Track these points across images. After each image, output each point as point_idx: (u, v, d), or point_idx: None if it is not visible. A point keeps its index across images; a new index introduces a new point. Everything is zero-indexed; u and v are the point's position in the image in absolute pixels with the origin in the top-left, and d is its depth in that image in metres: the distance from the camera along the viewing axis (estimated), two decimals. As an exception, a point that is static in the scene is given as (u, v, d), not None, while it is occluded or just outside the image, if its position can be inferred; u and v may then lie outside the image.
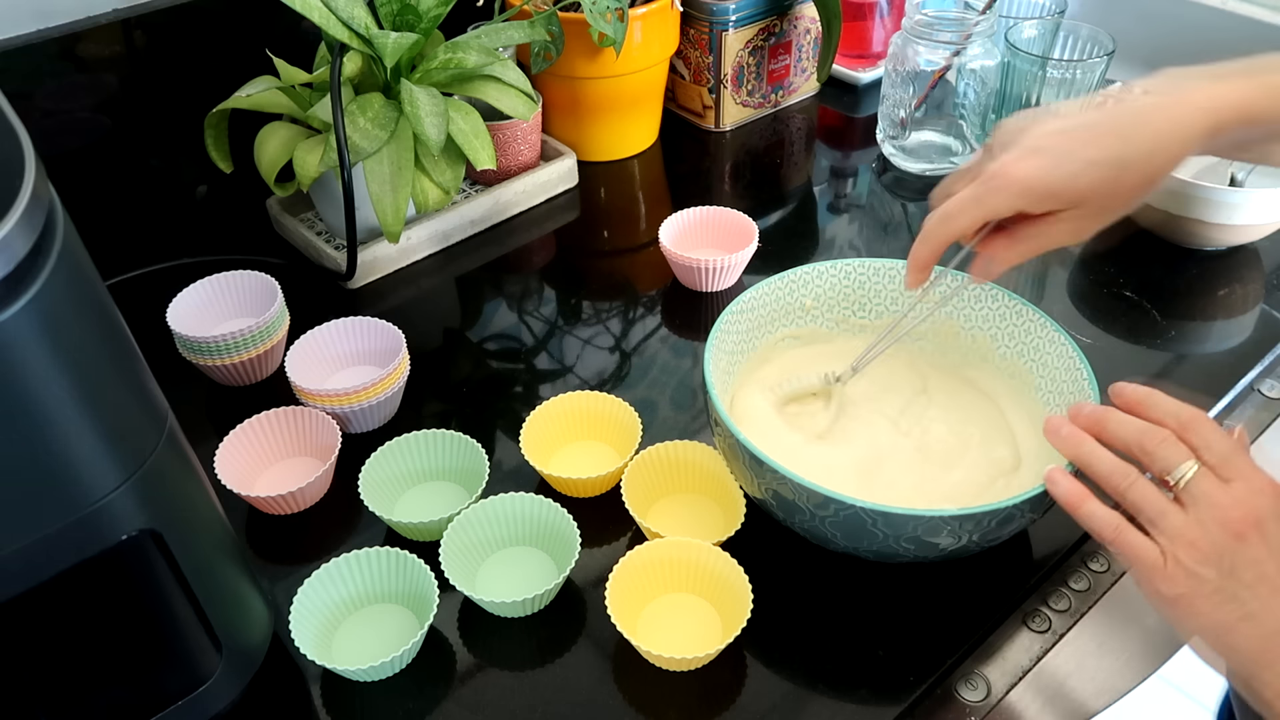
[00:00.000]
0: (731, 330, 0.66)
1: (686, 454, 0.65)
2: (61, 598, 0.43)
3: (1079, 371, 0.61)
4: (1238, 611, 0.45)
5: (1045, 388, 0.65)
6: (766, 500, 0.58)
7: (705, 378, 0.60)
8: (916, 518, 0.52)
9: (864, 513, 0.52)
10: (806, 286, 0.70)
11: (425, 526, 0.61)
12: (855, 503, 0.52)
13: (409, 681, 0.56)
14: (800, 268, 0.69)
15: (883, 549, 0.55)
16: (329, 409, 0.68)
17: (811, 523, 0.56)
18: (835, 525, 0.54)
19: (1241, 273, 0.84)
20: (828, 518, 0.54)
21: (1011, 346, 0.67)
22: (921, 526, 0.52)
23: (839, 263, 0.70)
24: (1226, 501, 0.47)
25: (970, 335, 0.69)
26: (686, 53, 1.01)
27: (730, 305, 0.66)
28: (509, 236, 0.91)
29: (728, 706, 0.55)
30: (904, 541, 0.54)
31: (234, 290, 0.77)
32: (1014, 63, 0.88)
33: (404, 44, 0.74)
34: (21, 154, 0.36)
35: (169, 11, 0.83)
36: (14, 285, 0.34)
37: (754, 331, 0.69)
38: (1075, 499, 0.51)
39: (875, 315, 0.71)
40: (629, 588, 0.57)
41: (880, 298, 0.71)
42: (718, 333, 0.64)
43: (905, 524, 0.52)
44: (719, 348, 0.64)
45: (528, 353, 0.80)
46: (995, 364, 0.69)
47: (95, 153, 0.84)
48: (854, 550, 0.56)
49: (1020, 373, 0.67)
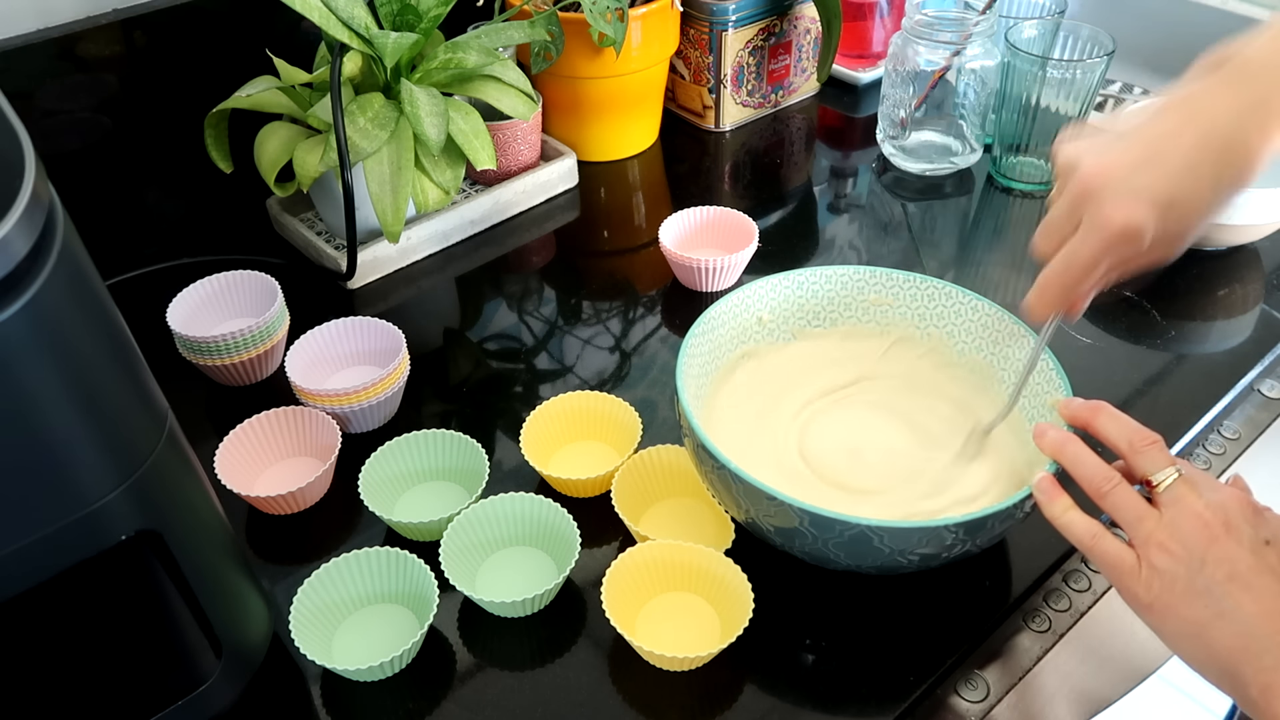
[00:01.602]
0: (696, 354, 0.64)
1: (678, 458, 0.64)
2: (61, 598, 0.43)
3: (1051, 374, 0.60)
4: (1212, 609, 0.46)
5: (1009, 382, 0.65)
6: (763, 530, 0.57)
7: (685, 411, 0.58)
8: (922, 530, 0.52)
9: (870, 531, 0.52)
10: (761, 300, 0.69)
11: (425, 526, 0.61)
12: (860, 521, 0.51)
13: (409, 681, 0.56)
14: (755, 282, 0.68)
15: (887, 563, 0.54)
16: (329, 409, 0.68)
17: (814, 545, 0.55)
18: (839, 546, 0.54)
19: (1241, 273, 0.84)
20: (831, 539, 0.53)
21: (970, 344, 0.67)
22: (927, 538, 0.52)
23: (790, 274, 0.69)
24: (1199, 505, 0.48)
25: (926, 334, 0.69)
26: (686, 53, 1.01)
27: (690, 330, 0.64)
28: (509, 236, 0.91)
29: (727, 706, 0.55)
30: (910, 554, 0.53)
31: (234, 290, 0.77)
32: (1014, 63, 0.88)
33: (404, 44, 0.74)
34: (21, 154, 0.36)
35: (169, 11, 0.83)
36: (13, 285, 0.34)
37: (715, 352, 0.67)
38: (1058, 508, 0.52)
39: (830, 323, 0.70)
40: (626, 587, 0.57)
41: (834, 304, 0.70)
42: (684, 359, 0.62)
43: (910, 537, 0.52)
44: (688, 372, 0.62)
45: (528, 353, 0.80)
46: (966, 368, 0.68)
47: (95, 153, 0.84)
48: (857, 568, 0.56)
49: (984, 369, 0.67)
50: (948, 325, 0.68)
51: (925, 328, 0.69)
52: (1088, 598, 0.62)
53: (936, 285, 0.68)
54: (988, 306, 0.66)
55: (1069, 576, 0.63)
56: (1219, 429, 0.74)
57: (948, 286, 0.67)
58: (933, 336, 0.69)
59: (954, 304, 0.68)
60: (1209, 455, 0.72)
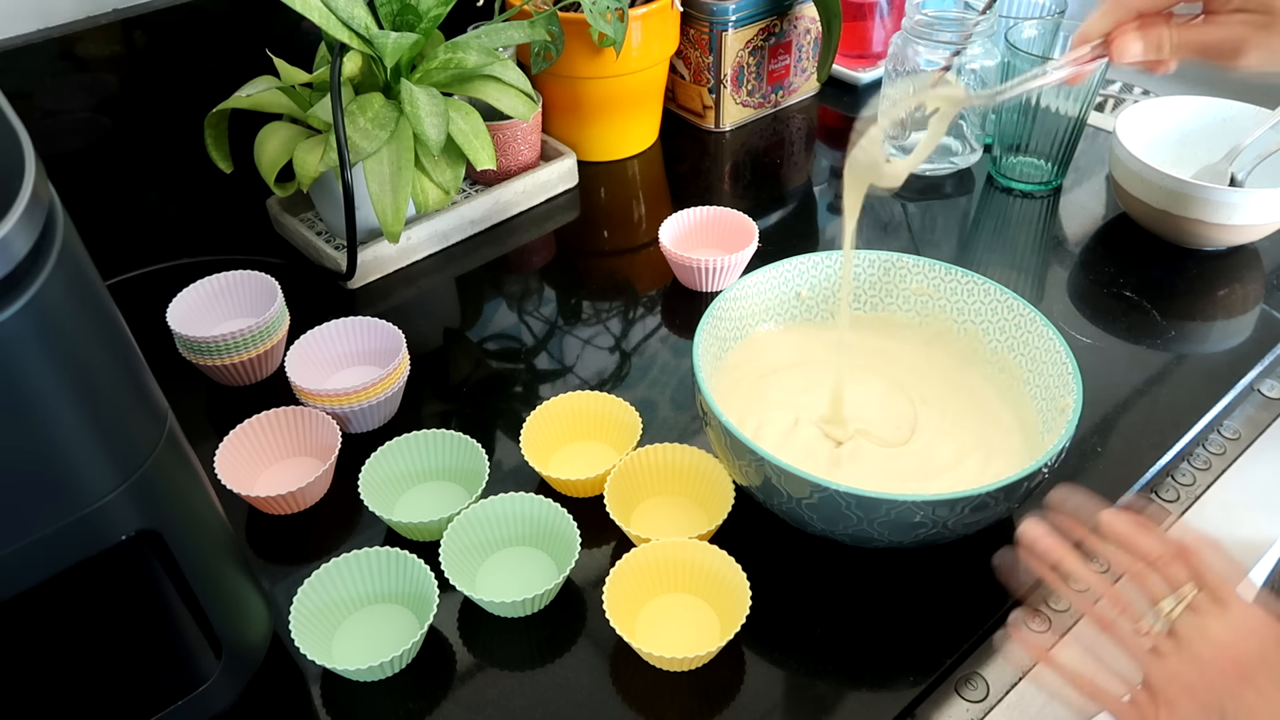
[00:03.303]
0: (722, 319, 0.68)
1: (671, 457, 0.64)
2: (61, 598, 0.43)
3: (1065, 366, 0.62)
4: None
5: (1034, 383, 0.65)
6: (750, 485, 0.59)
7: (694, 365, 0.61)
8: (890, 501, 0.53)
9: (839, 496, 0.54)
10: (802, 277, 0.72)
11: (425, 526, 0.61)
12: (832, 486, 0.53)
13: (409, 681, 0.56)
14: (794, 258, 0.71)
15: (858, 533, 0.56)
16: (329, 409, 0.68)
17: (790, 505, 0.57)
18: (812, 509, 0.56)
19: (1241, 273, 0.84)
20: (804, 500, 0.55)
21: (1002, 341, 0.68)
22: (895, 510, 0.53)
23: (832, 254, 0.71)
24: (1225, 639, 0.43)
25: (963, 329, 0.70)
26: (686, 53, 1.01)
27: (720, 295, 0.67)
28: (509, 236, 0.91)
29: (727, 706, 0.55)
30: (878, 525, 0.55)
31: (234, 290, 0.77)
32: (1014, 63, 0.88)
33: (404, 44, 0.74)
34: (21, 154, 0.36)
35: (169, 11, 0.83)
36: (14, 285, 0.34)
37: (743, 322, 0.70)
38: (1038, 652, 0.48)
39: (868, 308, 0.73)
40: (627, 589, 0.57)
41: (870, 289, 0.72)
42: (707, 322, 0.65)
43: (878, 507, 0.53)
44: (709, 335, 0.66)
45: (528, 353, 0.80)
46: (986, 358, 0.69)
47: (95, 153, 0.84)
48: (831, 534, 0.58)
49: (1010, 367, 0.68)
50: (984, 322, 0.69)
51: (963, 322, 0.70)
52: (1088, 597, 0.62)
53: (977, 281, 0.69)
54: (1023, 306, 0.66)
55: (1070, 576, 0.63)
56: (1219, 429, 0.74)
57: (989, 284, 0.68)
58: (969, 332, 0.70)
59: (992, 301, 0.68)
60: (1209, 455, 0.72)
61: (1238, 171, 0.85)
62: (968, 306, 0.70)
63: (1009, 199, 0.94)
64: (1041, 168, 0.93)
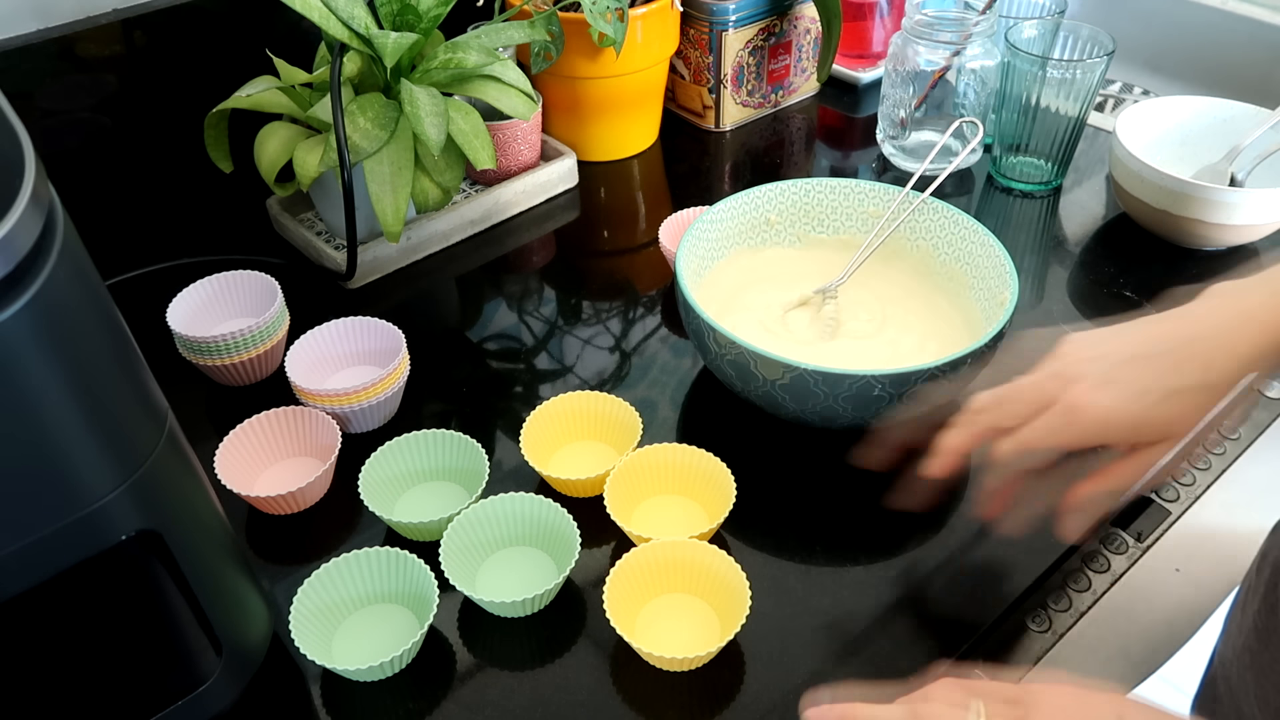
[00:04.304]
0: (701, 239, 0.75)
1: (670, 457, 0.64)
2: (61, 598, 0.43)
3: (1003, 269, 0.69)
4: None
5: (977, 286, 0.73)
6: (725, 371, 0.65)
7: (677, 276, 0.67)
8: (852, 376, 0.60)
9: (808, 374, 0.60)
10: (770, 202, 0.79)
11: (425, 526, 0.61)
12: (801, 365, 0.60)
13: (409, 681, 0.56)
14: (763, 186, 0.78)
15: (825, 410, 0.62)
16: (329, 409, 0.68)
17: (765, 388, 0.63)
18: (784, 389, 0.62)
19: (1241, 273, 0.84)
20: (778, 381, 0.62)
21: (949, 253, 0.76)
22: (856, 384, 0.60)
23: (800, 181, 0.79)
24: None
25: (915, 246, 0.78)
26: (686, 53, 1.01)
27: (698, 219, 0.74)
28: (509, 236, 0.91)
29: (727, 706, 0.55)
30: (842, 400, 0.61)
31: (234, 290, 0.77)
32: (1014, 63, 0.88)
33: (404, 44, 0.74)
34: (21, 154, 0.36)
35: (169, 11, 0.83)
36: (14, 285, 0.34)
37: (720, 243, 0.77)
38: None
39: (833, 231, 0.80)
40: (627, 589, 0.57)
41: (837, 214, 0.80)
42: (688, 240, 0.72)
43: (841, 382, 0.60)
44: (689, 252, 0.72)
45: (528, 353, 0.80)
46: (936, 270, 0.77)
47: (95, 153, 0.84)
48: (800, 415, 0.64)
49: (956, 275, 0.75)
50: (933, 238, 0.77)
51: (915, 240, 0.78)
52: (1088, 597, 0.62)
53: (929, 201, 0.75)
54: (966, 220, 0.73)
55: (1070, 576, 0.63)
56: (1219, 429, 0.74)
57: (935, 202, 0.75)
58: (920, 249, 0.78)
59: (939, 218, 0.76)
60: (1209, 455, 0.72)
61: (1238, 171, 0.85)
62: (919, 225, 0.77)
63: (1009, 199, 0.94)
64: (1041, 168, 0.93)
